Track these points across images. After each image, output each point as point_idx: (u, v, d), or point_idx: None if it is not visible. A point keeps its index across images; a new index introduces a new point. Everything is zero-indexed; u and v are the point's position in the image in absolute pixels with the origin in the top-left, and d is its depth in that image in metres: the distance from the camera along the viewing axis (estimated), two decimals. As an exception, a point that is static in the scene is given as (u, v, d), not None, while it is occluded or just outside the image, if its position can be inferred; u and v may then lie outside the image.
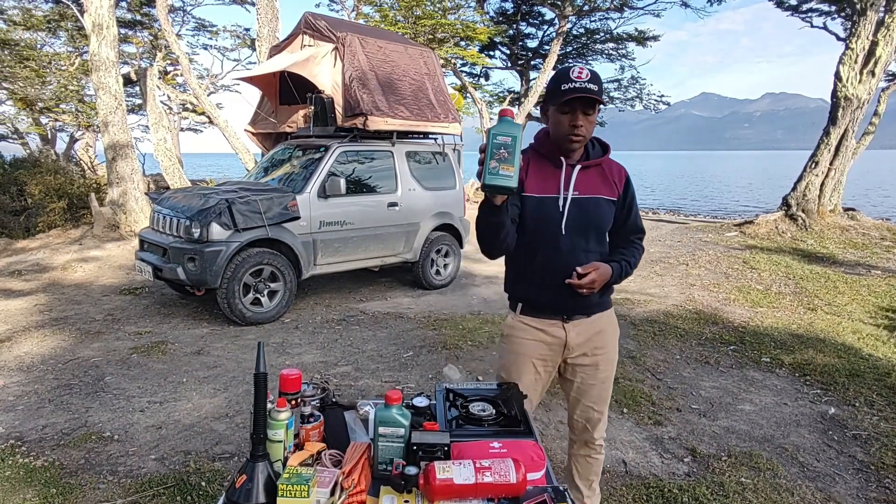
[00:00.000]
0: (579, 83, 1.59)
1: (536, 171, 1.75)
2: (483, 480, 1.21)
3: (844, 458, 2.88)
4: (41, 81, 13.66)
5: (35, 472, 2.61)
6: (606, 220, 1.78)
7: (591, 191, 1.75)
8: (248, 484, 1.20)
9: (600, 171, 1.79)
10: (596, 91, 1.60)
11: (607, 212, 1.77)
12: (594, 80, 1.61)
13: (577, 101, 1.62)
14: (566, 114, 1.66)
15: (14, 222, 8.83)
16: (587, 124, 1.67)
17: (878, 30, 8.96)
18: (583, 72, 1.61)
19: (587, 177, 1.76)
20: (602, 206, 1.76)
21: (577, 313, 1.82)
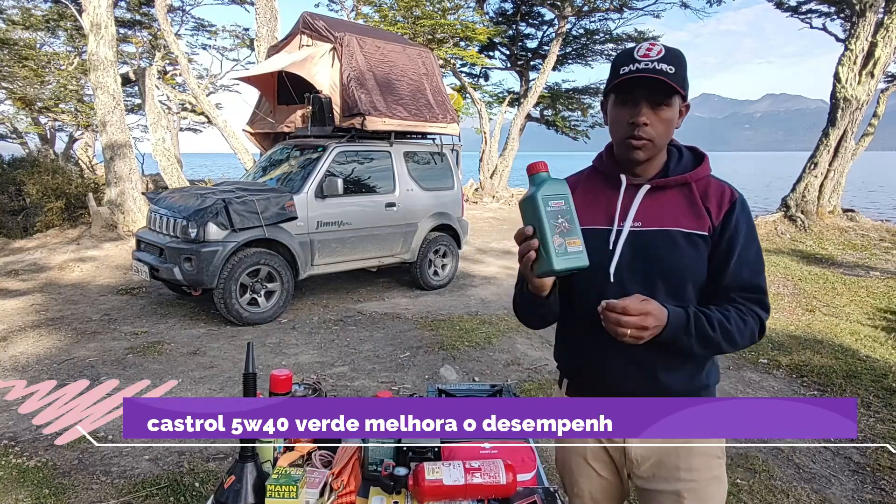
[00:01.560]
0: (645, 62, 1.13)
1: (586, 195, 1.28)
2: (472, 481, 1.20)
3: (840, 460, 2.88)
4: (40, 81, 13.66)
5: (28, 472, 2.60)
6: (685, 264, 1.18)
7: (662, 221, 1.20)
8: (237, 485, 1.20)
9: (685, 193, 1.22)
10: (669, 73, 1.12)
11: (687, 252, 1.18)
12: (669, 60, 1.13)
13: (640, 88, 1.14)
14: (625, 105, 1.18)
15: (12, 222, 8.83)
16: (657, 123, 1.16)
17: (877, 31, 8.97)
18: (653, 48, 1.15)
19: (659, 201, 1.22)
20: (678, 244, 1.18)
21: None
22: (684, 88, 1.16)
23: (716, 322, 1.15)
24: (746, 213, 1.22)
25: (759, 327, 1.19)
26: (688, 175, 1.22)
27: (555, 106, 17.51)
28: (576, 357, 1.32)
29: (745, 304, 1.19)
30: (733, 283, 1.19)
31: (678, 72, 1.14)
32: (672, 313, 1.11)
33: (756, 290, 1.20)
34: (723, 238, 1.19)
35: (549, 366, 4.08)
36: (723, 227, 1.19)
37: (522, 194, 1.08)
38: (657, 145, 1.19)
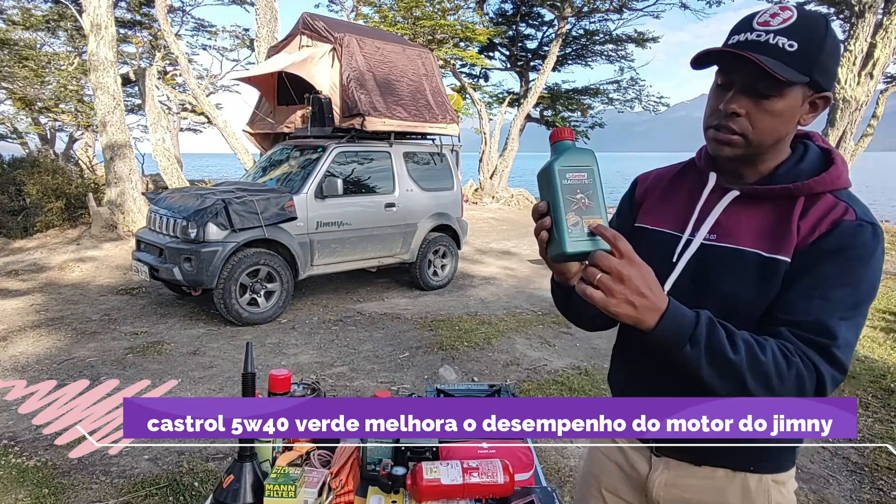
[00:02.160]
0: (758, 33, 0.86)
1: (665, 191, 1.09)
2: (470, 481, 1.21)
3: (838, 460, 2.88)
4: (40, 81, 13.67)
5: (28, 472, 2.61)
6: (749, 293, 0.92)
7: (738, 237, 0.95)
8: (236, 484, 1.20)
9: (785, 207, 0.93)
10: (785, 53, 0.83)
11: (755, 278, 0.91)
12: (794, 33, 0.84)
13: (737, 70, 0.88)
14: (721, 87, 0.92)
15: (12, 222, 8.83)
16: (758, 115, 0.88)
17: (876, 32, 8.98)
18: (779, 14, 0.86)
19: (747, 212, 0.96)
20: (747, 270, 0.92)
21: (674, 449, 1.03)
22: (811, 72, 0.84)
23: (741, 342, 0.82)
24: (858, 242, 0.86)
25: (814, 380, 0.84)
26: (793, 186, 0.91)
27: (555, 106, 17.52)
28: (620, 377, 1.13)
29: (795, 342, 0.85)
30: (787, 314, 0.87)
31: (804, 52, 0.83)
32: (673, 304, 0.81)
33: (819, 331, 0.84)
34: (803, 262, 0.88)
35: (549, 366, 4.09)
36: (809, 249, 0.87)
37: None
38: (753, 143, 0.90)
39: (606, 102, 18.34)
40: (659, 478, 1.06)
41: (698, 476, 1.02)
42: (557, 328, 4.99)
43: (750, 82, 0.86)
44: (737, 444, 0.88)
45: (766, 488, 0.99)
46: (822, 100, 0.90)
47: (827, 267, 0.86)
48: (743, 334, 0.85)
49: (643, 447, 1.09)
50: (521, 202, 15.17)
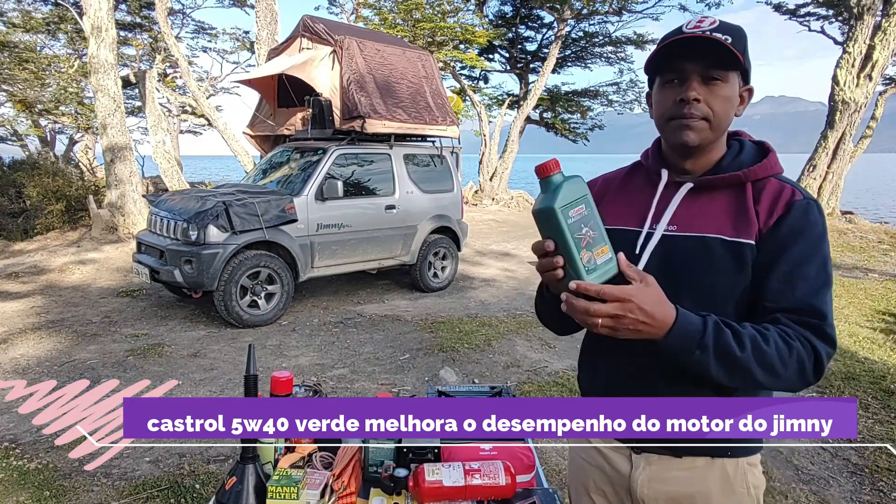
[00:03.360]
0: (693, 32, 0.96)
1: (620, 192, 1.15)
2: (472, 483, 1.21)
3: (839, 462, 2.88)
4: (40, 83, 13.68)
5: (29, 474, 2.61)
6: (720, 277, 0.98)
7: (702, 226, 1.00)
8: (238, 486, 1.21)
9: (735, 194, 1.01)
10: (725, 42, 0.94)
11: (726, 265, 0.97)
12: (725, 30, 0.95)
13: (689, 61, 0.96)
14: (670, 84, 0.99)
15: (12, 224, 8.83)
16: (713, 99, 0.96)
17: (874, 34, 9.00)
18: (706, 20, 0.98)
19: (702, 203, 1.03)
20: (715, 255, 0.98)
21: (652, 445, 1.05)
22: (745, 63, 0.96)
23: (747, 339, 0.89)
24: (810, 220, 0.97)
25: (812, 359, 0.91)
26: (741, 173, 1.00)
27: (554, 108, 17.54)
28: (592, 378, 1.17)
29: (793, 326, 0.92)
30: (779, 301, 0.94)
31: (736, 43, 0.94)
32: (681, 315, 0.87)
33: (811, 312, 0.93)
34: (772, 248, 0.96)
35: (549, 367, 4.09)
36: (772, 233, 0.96)
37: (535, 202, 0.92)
38: (714, 127, 0.98)
39: (606, 104, 18.37)
40: (641, 475, 1.09)
41: (680, 468, 1.05)
42: (558, 330, 4.99)
43: (702, 71, 0.96)
44: None
45: (743, 471, 1.05)
46: (747, 92, 1.02)
47: (796, 249, 0.95)
48: (748, 330, 0.90)
49: (622, 447, 1.11)
50: (521, 204, 15.18)
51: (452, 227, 6.46)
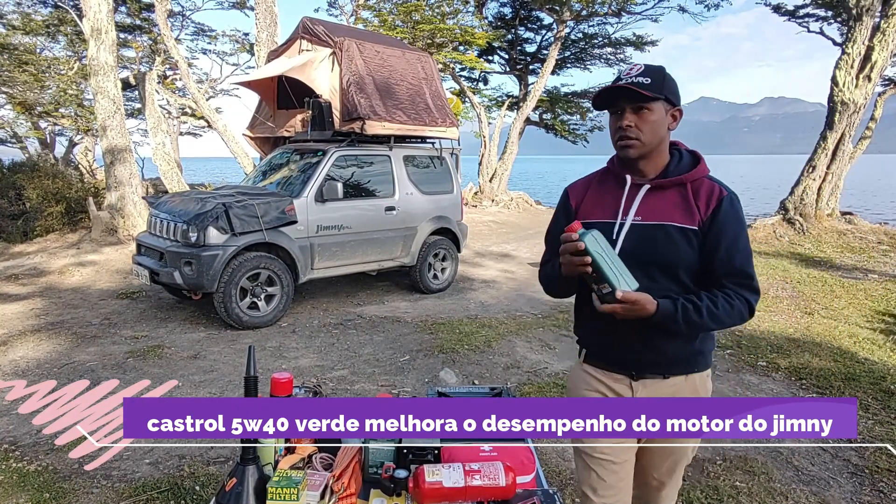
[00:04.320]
0: (626, 79, 1.37)
1: (597, 192, 1.51)
2: (472, 483, 1.21)
3: (839, 462, 2.88)
4: (40, 85, 13.69)
5: (29, 476, 2.61)
6: (676, 253, 1.38)
7: (660, 216, 1.40)
8: (238, 487, 1.21)
9: (680, 192, 1.41)
10: (644, 84, 1.34)
11: (679, 243, 1.37)
12: (646, 74, 1.36)
13: (621, 99, 1.38)
14: (615, 114, 1.41)
15: (12, 226, 8.83)
16: (641, 124, 1.37)
17: (873, 35, 9.01)
18: (634, 68, 1.39)
19: (658, 199, 1.42)
20: (672, 237, 1.38)
21: (648, 371, 1.45)
22: (665, 94, 1.36)
23: (704, 309, 1.34)
24: (735, 209, 1.40)
25: (747, 308, 1.38)
26: (683, 176, 1.42)
27: (554, 110, 17.55)
28: (594, 332, 1.52)
29: (734, 288, 1.37)
30: (723, 271, 1.38)
31: (655, 82, 1.35)
32: (661, 306, 1.32)
33: (745, 276, 1.38)
34: (711, 231, 1.38)
35: (549, 368, 4.09)
36: (711, 221, 1.38)
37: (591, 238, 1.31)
38: (645, 143, 1.39)
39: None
40: (640, 395, 1.46)
41: (666, 385, 1.45)
42: (557, 331, 4.99)
43: (630, 104, 1.37)
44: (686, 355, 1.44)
45: (704, 381, 1.50)
46: (678, 112, 1.43)
47: (730, 231, 1.37)
48: (704, 302, 1.35)
49: (623, 377, 1.48)
50: (521, 205, 15.18)
51: (452, 228, 6.46)
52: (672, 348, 1.42)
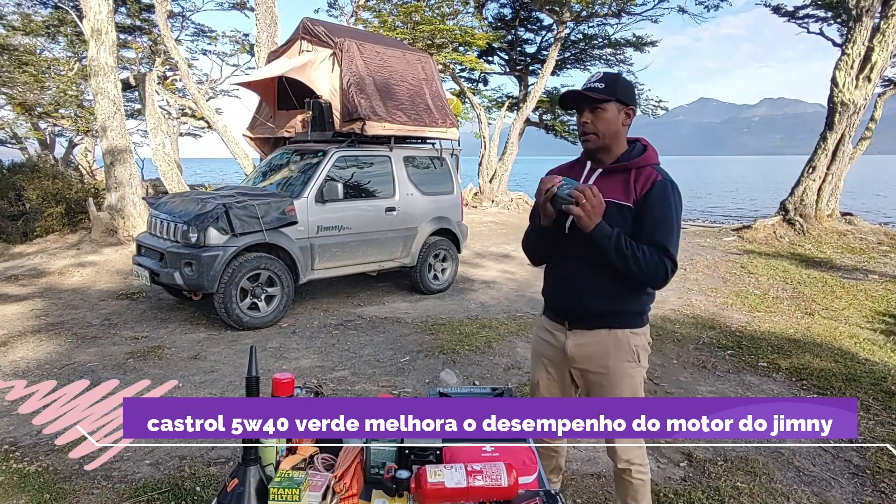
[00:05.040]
0: (585, 86, 1.68)
1: (567, 174, 1.80)
2: (474, 484, 1.21)
3: (840, 463, 2.88)
4: (40, 86, 13.67)
5: (29, 477, 2.60)
6: (615, 222, 1.66)
7: (605, 194, 1.65)
8: (240, 488, 1.20)
9: (625, 176, 1.71)
10: (599, 89, 1.65)
11: (617, 216, 1.65)
12: (603, 80, 1.67)
13: (580, 102, 1.70)
14: (577, 115, 1.74)
15: (12, 227, 8.83)
16: (597, 121, 1.68)
17: (873, 35, 9.02)
18: (595, 76, 1.70)
19: (606, 181, 1.72)
20: (611, 211, 1.66)
21: (577, 323, 1.79)
22: (616, 97, 1.66)
23: (631, 244, 1.62)
24: (666, 193, 1.67)
25: (663, 269, 1.64)
26: (629, 162, 1.72)
27: (554, 110, 17.55)
28: (547, 289, 1.89)
29: (653, 250, 1.64)
30: (648, 239, 1.65)
31: (608, 86, 1.65)
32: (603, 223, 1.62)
33: (663, 248, 1.64)
34: (643, 209, 1.66)
35: (549, 369, 4.09)
36: (643, 200, 1.66)
37: None
38: (601, 137, 1.70)
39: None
40: (570, 342, 1.80)
41: (591, 336, 1.78)
42: (558, 331, 4.99)
43: (588, 105, 1.69)
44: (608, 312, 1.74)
45: (627, 336, 1.76)
46: (630, 110, 1.72)
47: (656, 210, 1.66)
48: (633, 242, 1.63)
49: (562, 328, 1.83)
50: (521, 206, 15.18)
51: (452, 229, 6.46)
52: (596, 305, 1.73)
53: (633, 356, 1.76)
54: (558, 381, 1.88)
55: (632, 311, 1.76)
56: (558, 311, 1.83)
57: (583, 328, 1.78)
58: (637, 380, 1.79)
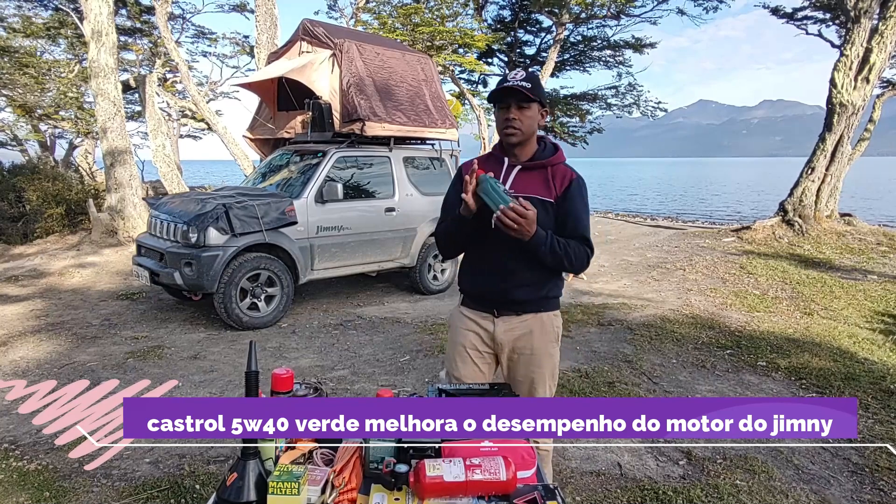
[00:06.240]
0: (513, 81, 1.74)
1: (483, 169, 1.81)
2: (473, 478, 1.22)
3: (839, 461, 2.88)
4: (40, 88, 13.70)
5: (29, 475, 2.60)
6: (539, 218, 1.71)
7: (526, 190, 1.78)
8: (239, 482, 1.21)
9: (543, 173, 1.83)
10: (527, 88, 1.71)
11: (540, 212, 1.72)
12: (529, 80, 1.75)
13: (509, 97, 1.75)
14: (502, 108, 1.78)
15: (12, 228, 8.84)
16: (522, 118, 1.76)
17: (872, 37, 9.03)
18: (518, 73, 1.77)
19: (526, 177, 1.82)
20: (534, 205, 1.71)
21: (506, 309, 1.86)
22: (539, 98, 1.76)
23: (563, 243, 1.76)
24: (582, 190, 1.84)
25: (587, 259, 1.82)
26: (545, 161, 1.84)
27: (553, 112, 17.56)
28: (470, 280, 1.93)
29: (577, 242, 1.79)
30: (571, 234, 1.79)
31: (534, 87, 1.74)
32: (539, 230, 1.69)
33: (584, 239, 1.81)
34: (563, 204, 1.80)
35: (549, 369, 4.09)
36: (563, 196, 1.80)
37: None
38: (524, 133, 1.79)
39: (605, 108, 18.39)
40: (499, 328, 1.88)
41: (519, 321, 1.87)
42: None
43: (516, 102, 1.75)
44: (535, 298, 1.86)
45: (550, 319, 1.90)
46: (546, 111, 1.85)
47: (576, 205, 1.81)
48: (564, 240, 1.76)
49: (488, 315, 1.89)
50: (521, 207, 15.17)
51: (452, 229, 6.45)
52: (523, 293, 1.83)
53: (556, 337, 1.92)
54: (485, 372, 1.94)
55: (554, 296, 1.91)
56: (485, 300, 1.89)
57: (511, 314, 1.87)
58: (556, 359, 1.94)
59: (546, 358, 1.90)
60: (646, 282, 7.07)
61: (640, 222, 14.56)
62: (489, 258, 1.83)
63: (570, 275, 7.43)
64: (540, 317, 1.88)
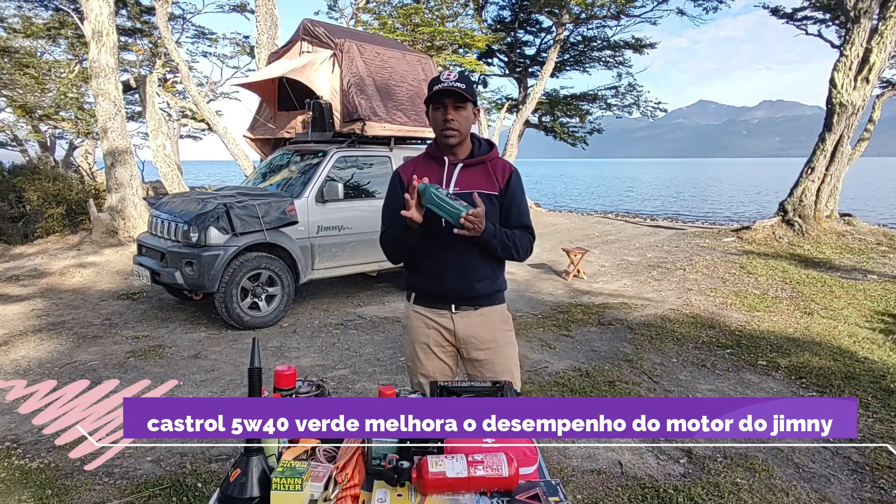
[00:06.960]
0: (447, 82, 1.77)
1: (423, 171, 1.86)
2: (475, 474, 1.22)
3: (839, 460, 2.89)
4: (41, 89, 13.70)
5: (31, 473, 2.61)
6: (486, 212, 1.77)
7: (471, 186, 1.84)
8: (242, 478, 1.21)
9: (484, 168, 1.90)
10: (462, 88, 1.75)
11: (486, 205, 1.78)
12: (462, 80, 1.79)
13: (446, 97, 1.78)
14: (438, 110, 1.81)
15: (12, 228, 8.84)
16: (459, 118, 1.80)
17: (871, 37, 9.04)
18: (451, 73, 1.81)
19: (469, 174, 1.88)
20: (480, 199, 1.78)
21: (462, 305, 1.91)
22: (473, 97, 1.81)
23: (510, 234, 1.85)
24: (519, 180, 1.94)
25: (531, 246, 1.93)
26: (485, 157, 1.91)
27: (553, 112, 17.59)
28: (423, 278, 1.94)
29: (522, 231, 1.90)
30: (516, 223, 1.90)
31: (468, 87, 1.78)
32: (488, 226, 1.75)
33: (527, 227, 1.92)
34: (506, 196, 1.89)
35: (549, 368, 4.10)
36: (506, 189, 1.89)
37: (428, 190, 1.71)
38: (462, 133, 1.83)
39: (605, 108, 18.41)
40: (458, 324, 1.92)
41: (477, 315, 1.92)
42: (557, 331, 5.00)
43: (453, 103, 1.79)
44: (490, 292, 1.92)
45: (504, 310, 1.99)
46: (478, 111, 1.90)
47: (518, 196, 1.91)
48: (510, 232, 1.85)
49: (446, 311, 1.92)
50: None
51: (452, 229, 6.45)
52: (484, 287, 1.89)
53: (510, 325, 2.01)
54: (451, 365, 1.98)
55: (501, 290, 1.98)
56: (442, 297, 1.91)
57: (470, 308, 1.91)
58: (516, 346, 2.02)
59: (510, 346, 1.97)
60: (646, 281, 7.08)
61: (640, 222, 14.57)
62: (447, 257, 1.86)
63: (571, 275, 7.44)
64: (496, 309, 1.95)
